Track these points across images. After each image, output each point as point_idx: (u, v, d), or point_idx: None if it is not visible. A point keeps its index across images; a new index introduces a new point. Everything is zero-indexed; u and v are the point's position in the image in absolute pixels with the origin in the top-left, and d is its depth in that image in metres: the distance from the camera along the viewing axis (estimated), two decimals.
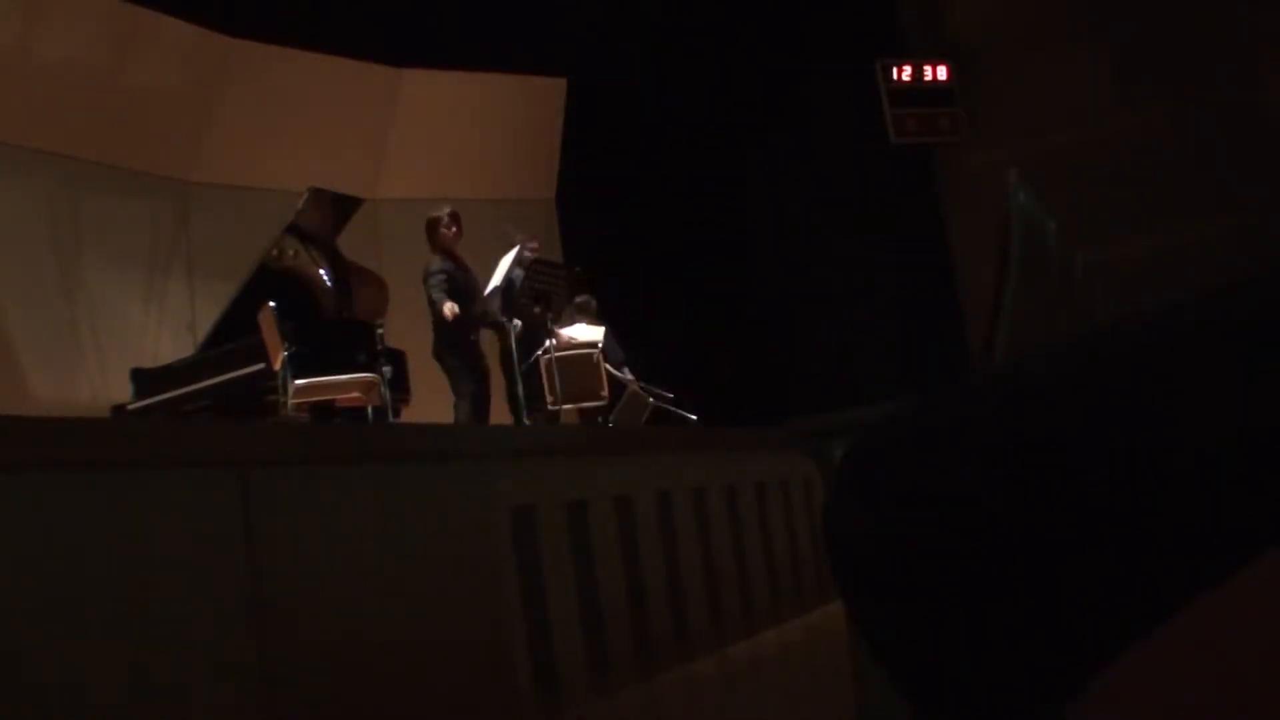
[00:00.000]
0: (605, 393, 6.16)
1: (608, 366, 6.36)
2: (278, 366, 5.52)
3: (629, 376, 6.77)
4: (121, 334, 7.20)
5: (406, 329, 6.51)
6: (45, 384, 6.73)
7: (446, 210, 6.56)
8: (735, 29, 8.51)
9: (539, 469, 2.76)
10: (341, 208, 6.57)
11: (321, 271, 6.40)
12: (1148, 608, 0.42)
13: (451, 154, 8.61)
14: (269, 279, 6.19)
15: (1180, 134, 7.59)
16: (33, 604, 1.49)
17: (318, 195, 6.38)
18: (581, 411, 6.33)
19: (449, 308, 6.13)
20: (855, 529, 0.50)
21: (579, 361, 6.06)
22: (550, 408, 6.10)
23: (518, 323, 6.11)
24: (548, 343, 6.12)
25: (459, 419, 6.12)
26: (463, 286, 6.34)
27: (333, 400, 5.78)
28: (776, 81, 8.62)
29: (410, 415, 6.34)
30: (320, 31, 7.85)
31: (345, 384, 5.78)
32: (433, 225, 6.52)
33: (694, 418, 6.74)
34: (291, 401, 5.49)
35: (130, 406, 6.10)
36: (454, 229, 6.48)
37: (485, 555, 2.43)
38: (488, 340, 6.58)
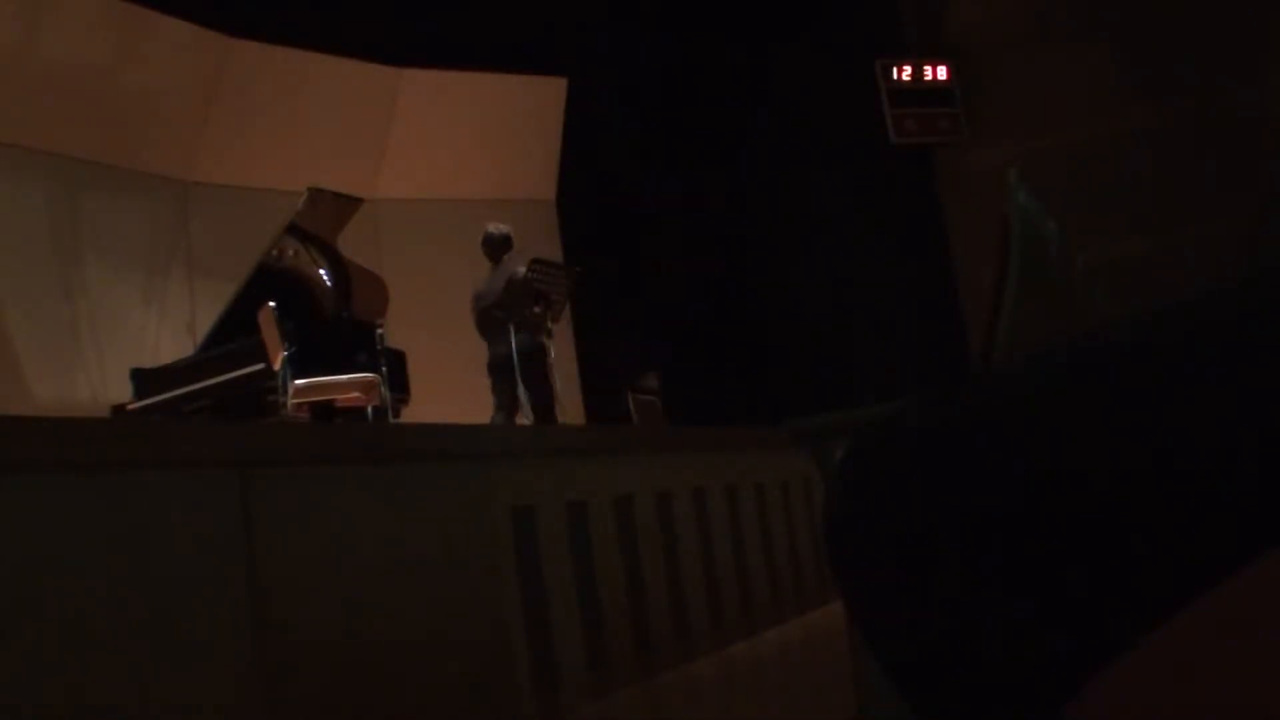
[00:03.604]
0: None
1: None
2: (278, 366, 5.51)
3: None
4: (121, 334, 7.19)
5: (406, 329, 6.51)
6: (45, 384, 6.73)
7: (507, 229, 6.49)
8: (736, 29, 8.51)
9: (539, 469, 2.76)
10: (341, 208, 6.55)
11: (321, 271, 6.40)
12: (1147, 608, 0.42)
13: (451, 154, 8.61)
14: (269, 279, 6.17)
15: (1180, 134, 7.58)
16: (33, 603, 1.49)
17: (318, 195, 6.36)
18: None
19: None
20: (855, 529, 0.50)
21: (646, 406, 7.28)
22: None
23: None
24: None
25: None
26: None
27: (333, 400, 5.77)
28: (777, 82, 8.62)
29: (410, 415, 6.34)
30: (320, 31, 7.85)
31: (345, 384, 5.78)
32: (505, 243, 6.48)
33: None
34: (291, 401, 5.48)
35: (130, 406, 6.08)
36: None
37: (485, 555, 2.43)
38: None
